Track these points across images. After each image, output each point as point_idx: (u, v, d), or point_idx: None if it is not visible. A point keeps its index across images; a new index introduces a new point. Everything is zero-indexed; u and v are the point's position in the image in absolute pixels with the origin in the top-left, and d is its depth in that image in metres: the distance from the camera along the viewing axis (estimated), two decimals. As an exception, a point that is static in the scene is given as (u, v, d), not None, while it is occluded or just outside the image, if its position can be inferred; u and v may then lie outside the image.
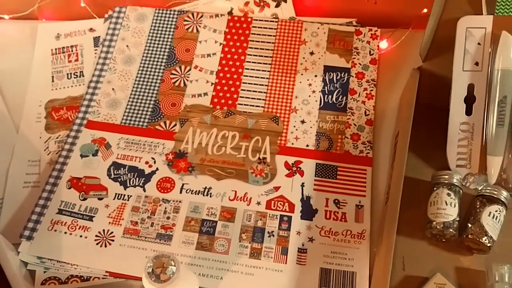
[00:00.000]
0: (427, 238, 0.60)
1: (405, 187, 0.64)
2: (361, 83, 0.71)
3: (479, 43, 0.60)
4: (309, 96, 0.70)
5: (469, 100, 0.62)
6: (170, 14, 0.77)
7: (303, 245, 0.60)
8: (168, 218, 0.62)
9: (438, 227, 0.57)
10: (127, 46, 0.76)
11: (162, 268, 0.43)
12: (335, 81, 0.71)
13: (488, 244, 0.57)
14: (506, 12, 0.60)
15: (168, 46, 0.75)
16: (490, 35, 0.60)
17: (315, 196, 0.63)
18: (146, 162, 0.66)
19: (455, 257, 0.59)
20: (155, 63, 0.74)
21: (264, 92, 0.71)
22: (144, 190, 0.64)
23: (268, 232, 0.60)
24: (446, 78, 0.62)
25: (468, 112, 0.62)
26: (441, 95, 0.63)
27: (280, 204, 0.62)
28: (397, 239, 0.60)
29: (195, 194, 0.63)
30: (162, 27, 0.77)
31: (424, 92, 0.69)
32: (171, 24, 0.77)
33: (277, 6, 0.77)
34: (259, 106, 0.70)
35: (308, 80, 0.71)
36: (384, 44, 0.75)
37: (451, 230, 0.57)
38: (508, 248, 0.59)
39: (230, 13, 0.77)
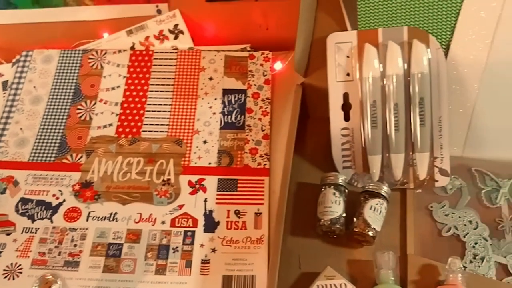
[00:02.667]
0: (320, 236, 0.65)
1: (299, 191, 0.69)
2: (257, 102, 0.77)
3: (348, 56, 0.67)
4: (210, 118, 0.75)
5: (346, 107, 0.68)
6: (75, 53, 0.81)
7: (206, 256, 0.63)
8: (75, 245, 0.64)
9: (325, 224, 0.62)
10: (34, 87, 0.79)
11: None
12: (233, 102, 0.77)
13: (372, 235, 0.62)
14: (367, 27, 0.68)
15: (74, 84, 0.79)
16: (356, 48, 0.67)
17: (217, 209, 0.67)
18: (54, 195, 0.68)
19: (347, 251, 0.64)
20: (61, 100, 0.77)
21: (168, 118, 0.75)
22: (52, 222, 0.66)
23: (173, 248, 0.64)
24: (325, 89, 0.69)
25: (346, 118, 0.68)
26: (324, 106, 0.70)
27: (184, 220, 0.66)
28: (293, 240, 0.65)
29: (101, 220, 0.66)
30: (68, 66, 0.80)
31: (311, 105, 0.75)
32: (76, 63, 0.80)
33: (175, 38, 0.82)
34: (163, 131, 0.74)
35: (208, 103, 0.76)
36: (278, 65, 0.81)
37: (338, 225, 0.62)
38: (392, 237, 0.64)
39: (132, 48, 0.82)
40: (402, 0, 0.65)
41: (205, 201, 0.68)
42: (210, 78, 0.79)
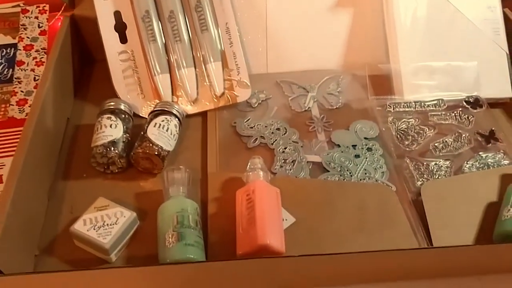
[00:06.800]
0: (102, 175, 0.52)
1: (77, 134, 0.57)
2: (30, 53, 0.65)
3: (110, -31, 0.58)
4: (-33, 77, 0.61)
5: (120, 27, 0.58)
6: None
7: None
8: None
9: (98, 151, 0.50)
10: None
11: None
12: (0, 57, 0.64)
13: (157, 153, 0.50)
14: None
15: None
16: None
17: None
18: None
19: (135, 184, 0.51)
20: None
21: None
22: None
23: None
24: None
25: (123, 40, 0.58)
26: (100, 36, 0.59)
27: None
28: (66, 184, 0.51)
29: None
30: None
31: (92, 44, 0.64)
32: None
33: None
34: None
35: (-33, 63, 0.63)
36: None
37: (114, 150, 0.50)
38: (194, 161, 0.53)
39: None
40: None
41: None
42: (-28, 38, 0.65)
